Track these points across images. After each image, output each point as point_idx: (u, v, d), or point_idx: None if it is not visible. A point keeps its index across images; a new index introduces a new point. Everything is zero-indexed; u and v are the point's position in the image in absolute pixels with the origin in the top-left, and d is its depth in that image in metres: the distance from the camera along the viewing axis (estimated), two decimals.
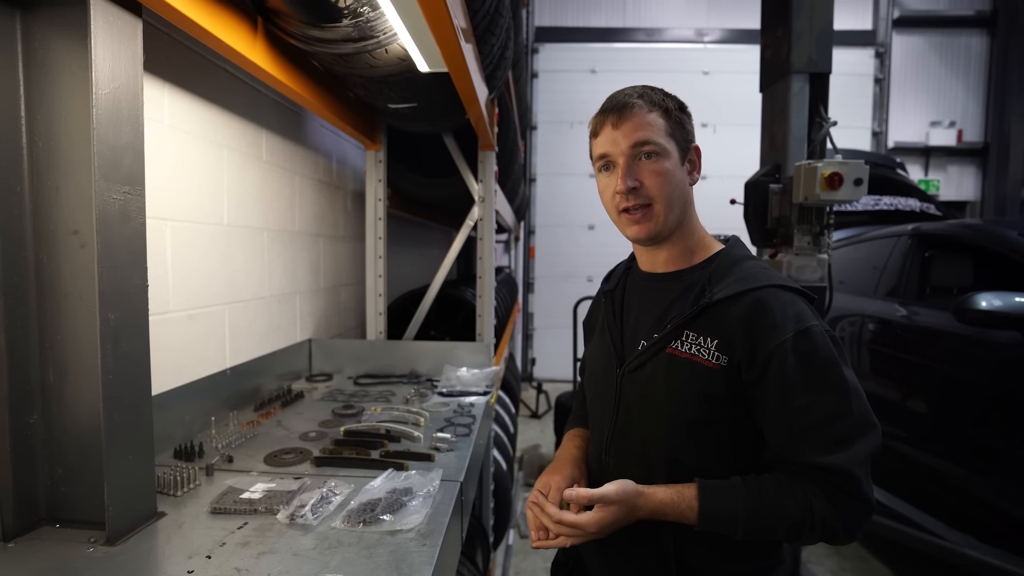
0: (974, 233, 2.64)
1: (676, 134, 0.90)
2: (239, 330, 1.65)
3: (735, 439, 0.88)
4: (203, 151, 1.47)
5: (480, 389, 1.81)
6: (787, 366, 0.80)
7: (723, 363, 0.84)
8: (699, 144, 0.96)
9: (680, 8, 6.88)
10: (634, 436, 0.93)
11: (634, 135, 0.88)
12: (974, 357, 2.24)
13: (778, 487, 0.81)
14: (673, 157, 0.90)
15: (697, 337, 0.86)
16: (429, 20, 1.08)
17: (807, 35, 2.23)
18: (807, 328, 0.81)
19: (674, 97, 0.93)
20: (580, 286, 6.59)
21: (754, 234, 2.43)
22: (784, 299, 0.84)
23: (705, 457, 0.88)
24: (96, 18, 0.85)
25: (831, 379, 0.81)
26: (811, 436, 0.80)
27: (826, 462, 0.78)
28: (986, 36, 6.86)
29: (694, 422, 0.87)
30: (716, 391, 0.85)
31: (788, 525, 0.80)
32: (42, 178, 0.89)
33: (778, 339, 0.80)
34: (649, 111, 0.89)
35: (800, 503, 0.79)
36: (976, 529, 2.15)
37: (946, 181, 6.99)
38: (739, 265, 0.90)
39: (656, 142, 0.88)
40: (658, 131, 0.88)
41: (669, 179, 0.88)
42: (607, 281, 1.09)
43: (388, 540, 0.89)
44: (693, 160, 0.94)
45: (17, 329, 0.88)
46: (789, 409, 0.80)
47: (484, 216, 2.23)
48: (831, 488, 0.79)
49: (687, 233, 0.95)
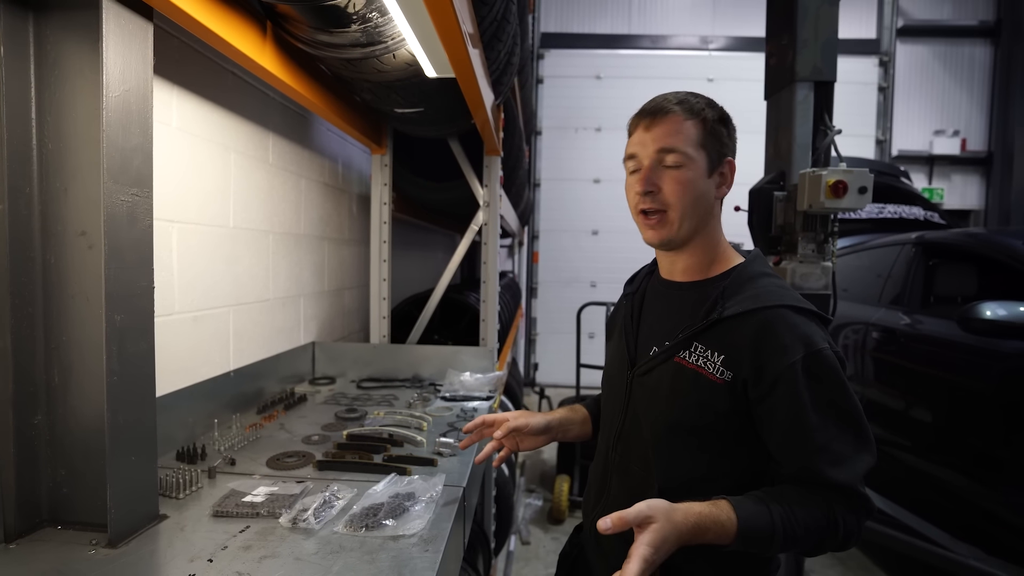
0: (978, 242, 2.63)
1: (708, 144, 0.90)
2: (243, 332, 1.66)
3: (734, 451, 0.89)
4: (210, 154, 1.48)
5: (483, 394, 1.81)
6: (797, 388, 0.81)
7: (727, 378, 0.85)
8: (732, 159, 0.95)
9: (685, 15, 6.90)
10: (639, 437, 0.95)
11: (662, 141, 0.89)
12: (978, 366, 2.22)
13: (805, 497, 0.81)
14: (699, 167, 0.89)
15: (705, 350, 0.88)
16: (437, 26, 1.09)
17: (812, 43, 2.23)
18: (818, 351, 0.82)
19: (718, 108, 0.93)
20: (583, 291, 6.57)
21: (758, 241, 2.42)
22: (794, 320, 0.84)
23: (699, 463, 0.89)
24: (108, 21, 0.86)
25: (838, 400, 0.83)
26: (822, 455, 0.81)
27: (838, 479, 0.80)
28: (990, 46, 6.86)
29: (694, 430, 0.88)
30: (718, 404, 0.86)
31: (818, 535, 0.80)
32: (51, 179, 0.89)
33: (787, 361, 0.82)
34: (685, 119, 0.89)
35: (828, 511, 0.80)
36: (981, 540, 2.13)
37: (950, 190, 6.98)
38: (754, 282, 0.90)
39: (682, 151, 0.88)
40: (688, 140, 0.89)
41: (689, 189, 0.89)
42: (630, 284, 1.11)
43: (390, 545, 0.88)
44: (724, 173, 0.93)
45: (23, 329, 0.88)
46: (798, 429, 0.82)
47: (489, 221, 2.24)
48: (844, 501, 0.80)
49: (707, 244, 0.95)
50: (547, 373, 6.88)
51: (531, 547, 3.12)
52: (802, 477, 0.83)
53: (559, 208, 6.90)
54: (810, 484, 0.82)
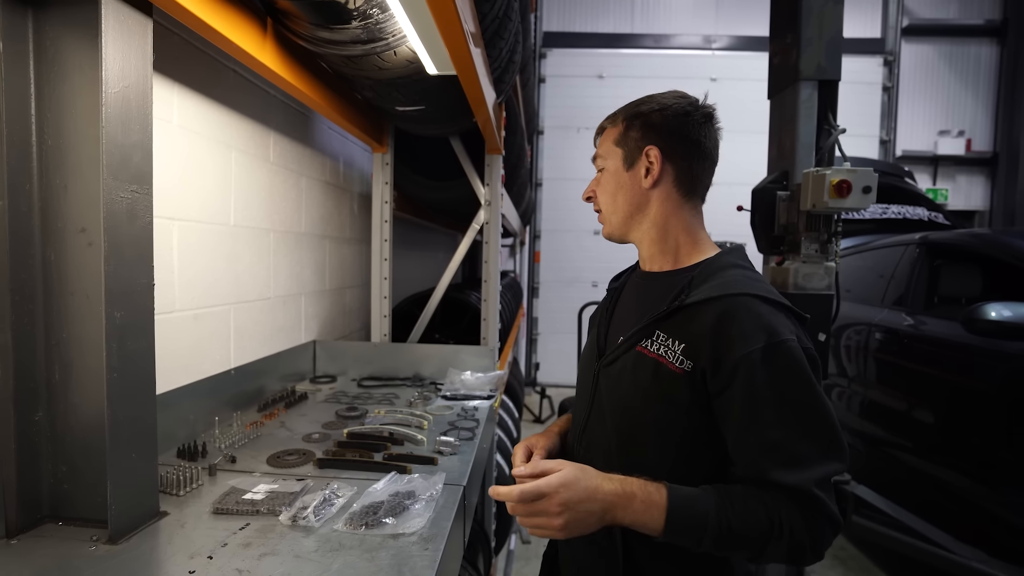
0: (983, 243, 2.61)
1: (623, 141, 0.95)
2: (244, 330, 1.66)
3: (695, 447, 0.85)
4: (211, 151, 1.48)
5: (484, 393, 1.80)
6: (755, 379, 0.77)
7: (687, 368, 0.82)
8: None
9: (688, 15, 6.88)
10: (603, 430, 0.93)
11: (594, 153, 1.01)
12: (983, 367, 2.21)
13: (747, 494, 0.77)
14: (614, 164, 0.96)
15: (667, 339, 0.85)
16: (439, 23, 1.08)
17: (816, 42, 2.23)
18: (780, 341, 0.78)
19: (652, 102, 0.94)
20: (585, 291, 6.57)
21: (761, 241, 2.42)
22: (760, 310, 0.80)
23: (664, 461, 0.85)
24: (107, 17, 0.85)
25: (800, 397, 0.78)
26: (773, 454, 0.76)
27: (786, 481, 0.75)
28: (996, 45, 6.82)
29: (654, 423, 0.85)
30: (678, 396, 0.82)
31: (757, 535, 0.75)
32: (51, 176, 0.89)
33: (744, 349, 0.77)
34: (611, 127, 0.98)
35: (771, 512, 0.75)
36: (984, 543, 2.12)
37: (954, 190, 6.94)
38: (724, 272, 0.88)
39: (601, 155, 0.99)
40: (605, 144, 0.98)
41: (606, 186, 0.98)
42: (615, 280, 1.12)
43: (390, 543, 0.88)
44: (652, 162, 0.92)
45: (24, 327, 0.88)
46: (753, 423, 0.77)
47: (490, 220, 2.23)
48: (793, 505, 0.75)
49: (656, 236, 0.95)
50: (548, 373, 6.88)
51: (531, 546, 3.12)
52: (750, 476, 0.78)
53: (561, 208, 6.90)
54: (759, 484, 0.77)
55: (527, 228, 6.71)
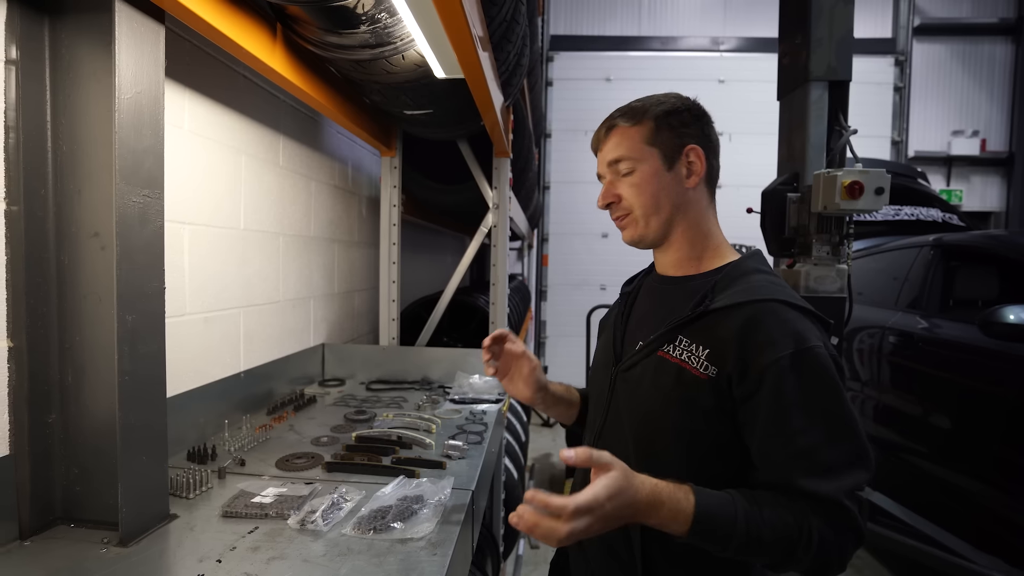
0: (999, 244, 2.57)
1: (659, 140, 0.90)
2: (253, 334, 1.67)
3: (719, 454, 0.83)
4: (222, 156, 1.49)
5: (492, 397, 1.80)
6: (783, 386, 0.76)
7: (712, 374, 0.80)
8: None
9: (696, 17, 6.86)
10: (621, 436, 0.91)
11: (611, 154, 0.93)
12: (1000, 371, 2.17)
13: (776, 501, 0.75)
14: (652, 165, 0.90)
15: (690, 344, 0.84)
16: (447, 27, 1.09)
17: (826, 42, 2.20)
18: (809, 348, 0.77)
19: (671, 101, 0.92)
20: (593, 294, 6.55)
21: (771, 243, 2.39)
22: (786, 316, 0.79)
23: (682, 467, 0.82)
24: (120, 24, 0.87)
25: (828, 405, 0.76)
26: (802, 462, 0.75)
27: (816, 489, 0.73)
28: (1010, 44, 6.72)
29: (676, 430, 0.84)
30: (702, 401, 0.81)
31: (785, 543, 0.72)
32: (65, 181, 0.90)
33: (773, 356, 0.76)
34: (630, 126, 0.92)
35: (799, 520, 0.73)
36: (1004, 550, 2.08)
37: (969, 191, 6.84)
38: (748, 277, 0.87)
39: (629, 157, 0.91)
40: (634, 144, 0.91)
41: (644, 188, 0.91)
42: (627, 284, 1.10)
43: (398, 548, 0.88)
44: (692, 162, 0.91)
45: (38, 329, 0.89)
46: (781, 430, 0.76)
47: (498, 223, 2.23)
48: (823, 515, 0.73)
49: (692, 237, 0.93)
50: (557, 376, 6.80)
51: (540, 551, 3.10)
52: (779, 484, 0.76)
53: (569, 211, 6.88)
54: (788, 492, 0.75)
55: (535, 231, 6.72)
